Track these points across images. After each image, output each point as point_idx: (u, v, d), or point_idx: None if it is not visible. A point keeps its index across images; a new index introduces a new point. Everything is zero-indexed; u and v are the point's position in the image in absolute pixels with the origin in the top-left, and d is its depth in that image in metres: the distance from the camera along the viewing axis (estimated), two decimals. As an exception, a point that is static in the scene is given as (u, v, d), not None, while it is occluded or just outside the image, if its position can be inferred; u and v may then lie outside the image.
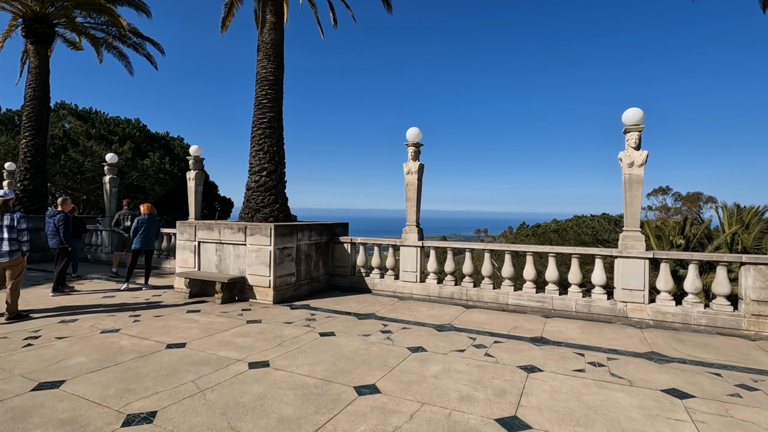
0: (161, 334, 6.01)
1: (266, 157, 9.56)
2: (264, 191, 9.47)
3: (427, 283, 8.90)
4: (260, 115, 9.68)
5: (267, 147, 9.58)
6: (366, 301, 8.56)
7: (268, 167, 9.53)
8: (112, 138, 24.12)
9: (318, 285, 9.51)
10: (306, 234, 9.07)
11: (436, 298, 8.72)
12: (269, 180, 9.51)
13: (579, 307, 7.51)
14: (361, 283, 9.62)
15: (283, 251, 8.34)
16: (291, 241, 8.59)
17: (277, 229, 8.19)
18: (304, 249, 9.02)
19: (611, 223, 35.63)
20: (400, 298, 8.85)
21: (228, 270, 8.66)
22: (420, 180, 9.14)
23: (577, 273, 7.64)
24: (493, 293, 8.21)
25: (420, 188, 9.16)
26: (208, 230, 8.91)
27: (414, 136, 8.96)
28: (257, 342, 5.70)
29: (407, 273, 9.09)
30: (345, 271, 9.83)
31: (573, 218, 38.03)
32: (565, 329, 6.66)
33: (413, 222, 9.10)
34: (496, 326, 6.76)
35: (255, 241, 8.27)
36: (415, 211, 9.08)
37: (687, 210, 56.24)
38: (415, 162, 9.04)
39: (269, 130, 9.64)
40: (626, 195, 7.23)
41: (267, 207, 9.40)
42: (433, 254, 8.96)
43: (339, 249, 9.88)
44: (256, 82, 9.84)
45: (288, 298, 8.50)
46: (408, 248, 9.07)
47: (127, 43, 16.95)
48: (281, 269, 8.31)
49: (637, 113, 7.10)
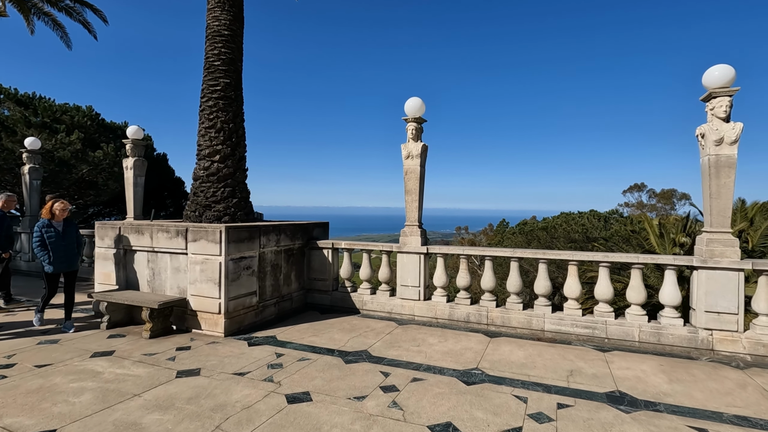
0: (25, 408, 3.67)
1: (219, 137, 7.23)
2: (216, 181, 7.15)
3: (434, 302, 6.80)
4: (212, 82, 7.33)
5: (221, 123, 7.25)
6: (354, 327, 6.38)
7: (222, 150, 7.20)
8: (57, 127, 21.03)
9: (290, 305, 7.27)
10: (273, 238, 6.81)
11: (445, 322, 6.63)
12: (223, 167, 7.19)
13: (644, 336, 5.55)
14: (346, 301, 7.43)
15: (239, 263, 6.06)
16: (251, 248, 6.32)
17: (230, 232, 5.90)
18: (270, 258, 6.76)
19: (600, 220, 34.51)
20: (399, 322, 6.71)
21: (164, 288, 6.32)
22: (423, 166, 7.01)
23: (641, 289, 5.68)
24: (523, 315, 6.18)
25: (423, 176, 7.04)
26: (137, 234, 6.53)
27: (415, 109, 6.82)
28: (181, 422, 3.45)
29: (407, 288, 6.96)
30: (325, 286, 7.62)
31: (561, 215, 36.76)
32: (641, 373, 4.67)
33: (414, 221, 6.97)
34: (543, 370, 4.71)
35: (199, 248, 5.97)
36: (417, 207, 6.95)
37: (662, 206, 56.43)
38: (416, 143, 6.91)
39: (224, 101, 7.30)
40: (711, 184, 5.29)
41: (220, 202, 7.09)
42: (441, 263, 6.86)
43: (317, 256, 7.66)
44: (206, 39, 7.47)
45: (247, 326, 6.23)
46: (408, 255, 6.94)
47: (58, 5, 14.13)
48: (237, 287, 6.03)
49: (727, 72, 5.16)
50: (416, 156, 6.85)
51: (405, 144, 6.97)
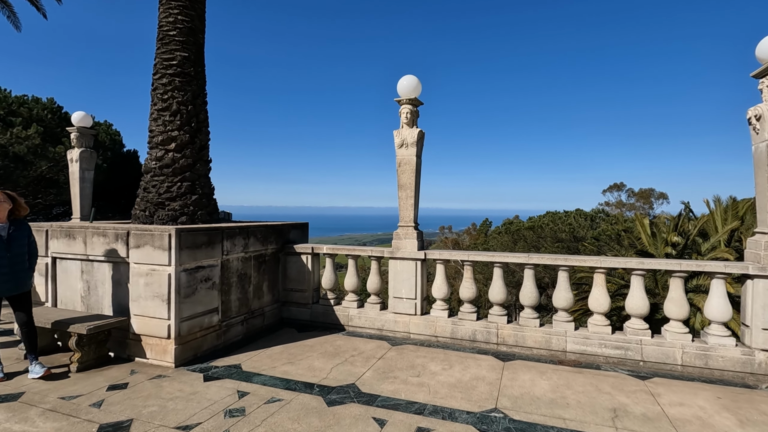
0: None
1: (175, 121, 6.01)
2: (171, 174, 5.93)
3: (433, 317, 5.76)
4: (166, 56, 6.10)
5: (177, 105, 6.04)
6: (338, 350, 5.28)
7: (179, 137, 5.99)
8: (13, 120, 19.21)
9: (261, 321, 6.10)
10: (240, 242, 5.65)
11: (447, 341, 5.59)
12: (180, 157, 5.98)
13: (688, 359, 4.62)
14: (328, 316, 6.32)
15: (195, 273, 4.88)
16: (212, 255, 5.14)
17: (183, 235, 4.72)
18: (236, 266, 5.60)
19: (587, 219, 34.25)
20: (392, 342, 5.64)
21: (101, 306, 5.08)
22: (419, 156, 5.95)
23: (683, 302, 4.74)
24: (541, 333, 5.18)
25: (419, 168, 5.98)
26: (67, 239, 5.26)
27: (410, 89, 5.76)
28: None
29: (401, 301, 5.89)
30: (304, 298, 6.48)
31: (547, 215, 36.38)
32: (699, 410, 3.72)
33: (409, 221, 5.91)
34: (579, 409, 3.71)
35: (144, 257, 4.76)
36: (412, 205, 5.89)
37: (640, 206, 57.06)
38: (411, 129, 5.84)
39: (181, 78, 6.09)
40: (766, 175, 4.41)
41: (176, 199, 5.88)
42: (441, 271, 5.82)
43: (294, 263, 6.52)
44: (159, 3, 6.25)
45: (206, 352, 5.06)
46: (402, 262, 5.87)
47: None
48: (192, 304, 4.85)
49: (789, 40, 4.29)
50: (411, 144, 5.79)
51: (398, 130, 5.90)
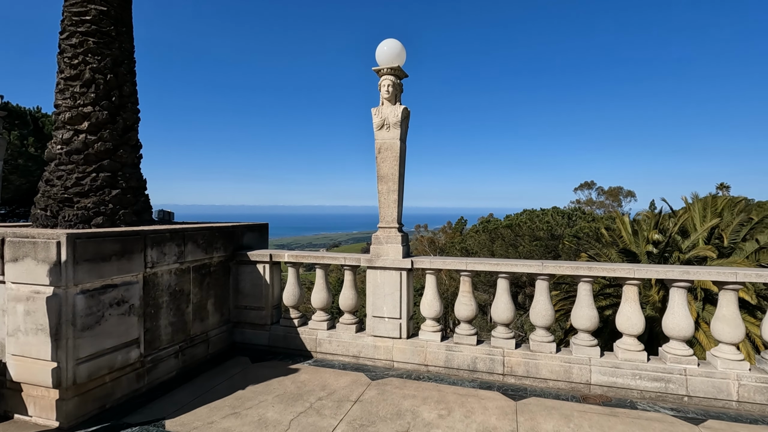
0: None
1: (89, 94, 4.62)
2: (83, 162, 4.54)
3: (423, 341, 4.61)
4: (77, 8, 4.66)
5: (91, 73, 4.64)
6: (301, 389, 4.05)
7: (95, 114, 4.60)
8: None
9: (204, 350, 4.79)
10: (172, 249, 4.32)
11: (441, 371, 4.46)
12: (95, 139, 4.59)
13: (747, 393, 3.66)
14: (291, 340, 5.07)
15: (100, 296, 3.55)
16: (128, 269, 3.81)
17: (78, 243, 3.37)
18: (167, 282, 4.27)
19: (564, 217, 34.11)
20: (371, 374, 4.45)
21: (-31, 342, 3.66)
22: (404, 140, 4.79)
23: (738, 321, 3.77)
24: (558, 362, 4.12)
25: (404, 156, 4.82)
26: (-76, 248, 3.81)
27: (392, 56, 4.58)
28: None
29: (382, 321, 4.72)
30: (261, 317, 5.20)
31: (525, 213, 36.06)
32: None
33: (392, 221, 4.73)
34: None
35: (23, 274, 3.38)
36: (395, 201, 4.72)
37: (610, 203, 58.20)
38: (394, 106, 4.67)
39: (96, 39, 4.69)
40: None
41: (90, 194, 4.49)
42: (432, 283, 4.68)
43: (248, 274, 5.23)
44: (66, -59, 4.83)
45: (120, 401, 3.72)
46: (384, 273, 4.69)
47: None
48: (95, 339, 3.51)
49: None
50: (394, 125, 4.61)
51: (377, 108, 4.71)
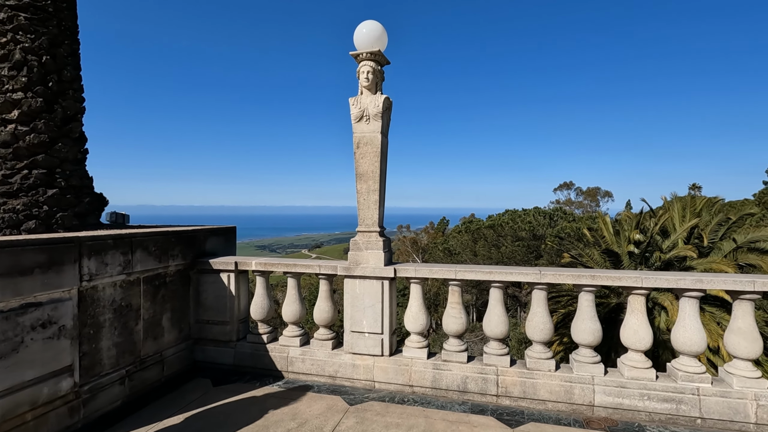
0: None
1: (20, 78, 3.95)
2: (13, 157, 3.88)
3: (407, 358, 4.12)
4: (5, -22, 4.03)
5: (22, 54, 3.98)
6: (267, 421, 3.49)
7: (26, 101, 3.95)
8: None
9: (158, 372, 4.19)
10: (116, 259, 3.71)
11: (428, 392, 3.98)
12: (27, 131, 3.93)
13: (766, 414, 3.30)
14: (259, 359, 4.50)
15: (18, 318, 2.90)
16: (57, 284, 3.19)
17: (-9, 255, 2.76)
18: (110, 297, 3.66)
19: (546, 217, 34.25)
20: (349, 398, 3.94)
21: None
22: (386, 133, 4.29)
23: (755, 334, 3.41)
24: (558, 381, 3.70)
25: (386, 151, 4.33)
26: None
27: (371, 40, 4.08)
28: None
29: (362, 337, 4.21)
30: (225, 333, 4.62)
31: (507, 213, 36.08)
32: None
33: (373, 224, 4.22)
34: None
35: None
36: (376, 202, 4.21)
37: (588, 203, 59.20)
38: (374, 95, 4.16)
39: (29, 15, 4.03)
40: None
41: (20, 195, 3.83)
42: (418, 293, 4.20)
43: (211, 285, 4.64)
44: None
45: (46, 441, 3.11)
46: (364, 282, 4.18)
47: None
48: (12, 370, 2.88)
49: None
50: (375, 116, 4.11)
51: (356, 98, 4.19)
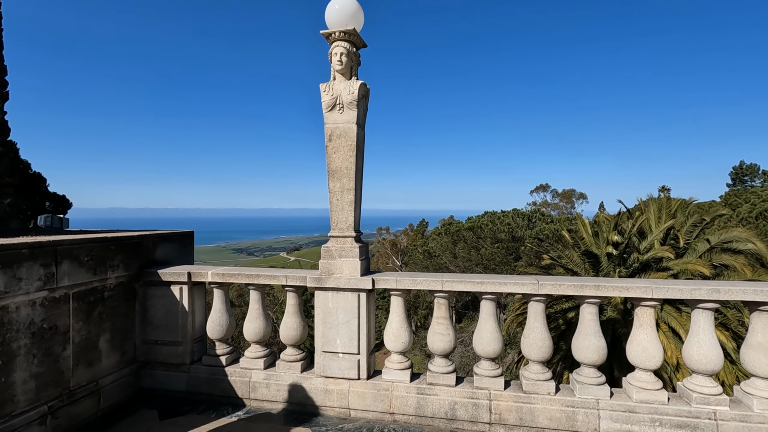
0: None
1: None
2: None
3: (387, 382, 3.60)
4: None
5: None
6: (221, 464, 2.92)
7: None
8: None
9: (91, 406, 3.52)
10: (34, 272, 3.05)
11: (411, 421, 3.47)
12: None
13: (791, 441, 2.93)
14: (217, 384, 3.90)
15: None
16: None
17: None
18: (25, 320, 2.99)
19: (524, 219, 34.39)
20: (320, 429, 3.39)
21: None
22: (362, 125, 3.78)
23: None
24: (559, 405, 3.25)
25: (362, 145, 3.81)
26: None
27: (345, 17, 3.55)
28: None
29: (336, 358, 3.66)
30: (177, 355, 3.99)
31: (486, 215, 36.10)
32: None
33: (348, 229, 3.69)
34: None
35: None
36: (351, 203, 3.68)
37: (563, 205, 60.26)
38: (349, 81, 3.64)
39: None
40: None
41: None
42: (399, 306, 3.69)
43: (161, 300, 4.00)
44: None
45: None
46: (338, 295, 3.64)
47: None
48: None
49: None
50: (349, 105, 3.58)
51: (328, 84, 3.66)
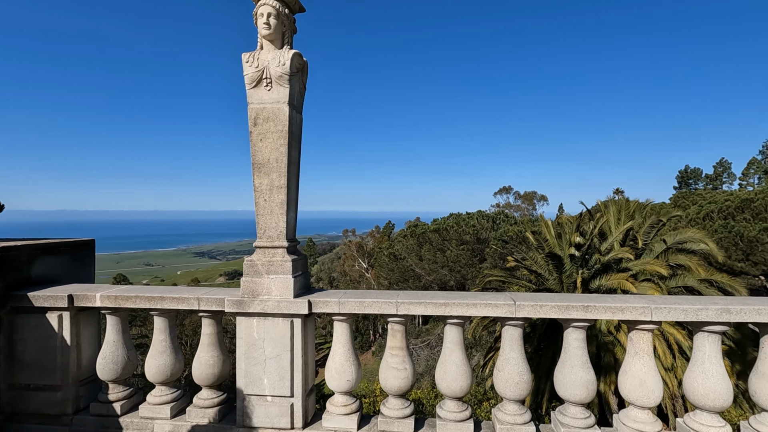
0: None
1: None
2: None
3: (329, 430, 2.85)
4: None
5: None
6: None
7: None
8: None
9: None
10: None
11: (358, 481, 2.74)
12: None
13: (814, 491, 2.43)
14: (107, 441, 3.01)
15: None
16: None
17: None
18: None
19: (489, 220, 34.53)
20: (239, 500, 2.59)
21: None
22: (297, 107, 3.01)
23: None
24: (541, 456, 2.62)
25: (298, 131, 3.04)
26: None
27: (275, -31, 2.79)
28: None
29: (262, 402, 2.87)
30: (53, 403, 3.04)
31: (451, 216, 36.01)
32: None
33: (279, 236, 2.90)
34: None
35: None
36: (283, 203, 2.90)
37: (525, 207, 61.76)
38: (279, 50, 2.86)
39: None
40: None
41: None
42: (344, 334, 2.95)
43: (32, 331, 3.04)
44: None
45: None
46: (265, 322, 2.85)
47: None
48: None
49: None
50: (279, 80, 2.81)
51: (252, 53, 2.86)
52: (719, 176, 56.28)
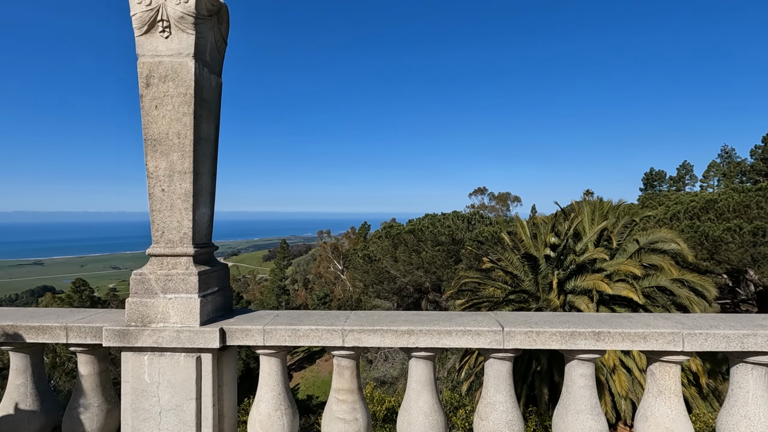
0: None
1: None
2: None
3: (251, 508, 2.09)
4: None
5: None
6: None
7: None
8: None
9: None
10: None
11: None
12: None
13: None
14: None
15: None
16: None
17: None
18: None
19: (464, 221, 34.25)
20: None
21: None
22: (209, 65, 2.23)
23: None
24: None
25: (213, 98, 2.26)
26: None
27: None
28: None
29: (156, 471, 2.09)
30: None
31: (427, 217, 35.52)
32: None
33: (182, 240, 2.11)
34: None
35: None
36: (187, 194, 2.11)
37: (500, 208, 62.36)
38: (182, -16, 2.09)
39: None
40: None
41: None
42: (273, 371, 2.19)
43: None
44: None
45: None
46: (160, 360, 2.05)
47: None
48: None
49: None
50: (181, 22, 2.02)
51: (144, -12, 2.07)
52: (682, 178, 58.30)
